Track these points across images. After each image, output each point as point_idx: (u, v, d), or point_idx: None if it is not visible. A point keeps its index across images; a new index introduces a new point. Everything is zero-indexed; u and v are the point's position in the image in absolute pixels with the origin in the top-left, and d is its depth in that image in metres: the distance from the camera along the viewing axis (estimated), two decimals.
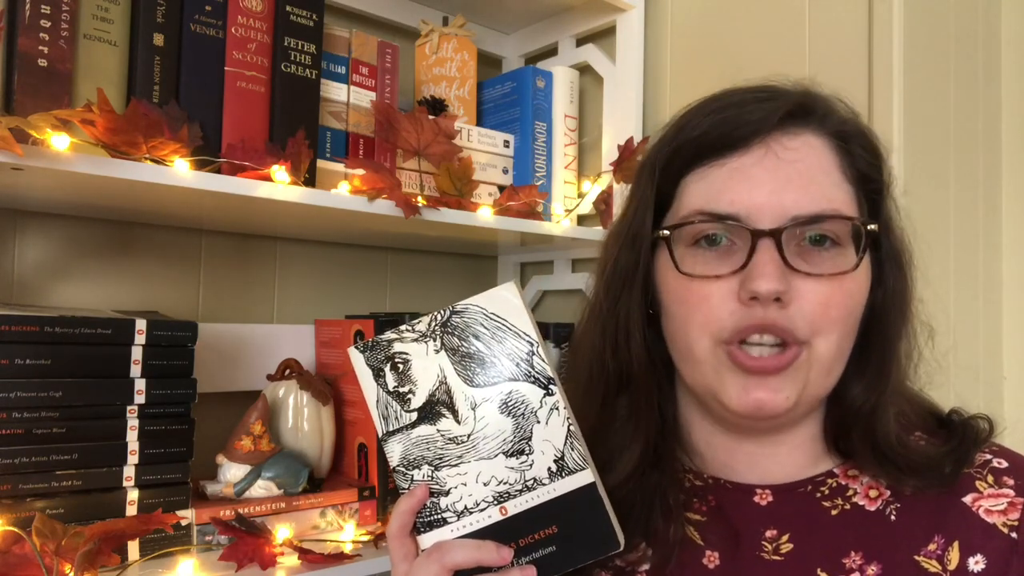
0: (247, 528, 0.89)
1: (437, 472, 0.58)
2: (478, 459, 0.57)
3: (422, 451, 0.58)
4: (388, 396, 0.59)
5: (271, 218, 1.05)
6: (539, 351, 0.57)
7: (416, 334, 0.58)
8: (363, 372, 0.59)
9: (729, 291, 0.57)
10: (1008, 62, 1.26)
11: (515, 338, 0.57)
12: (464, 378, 0.58)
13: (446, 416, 0.58)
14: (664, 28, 1.28)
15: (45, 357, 0.82)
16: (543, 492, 0.57)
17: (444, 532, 0.58)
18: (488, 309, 0.58)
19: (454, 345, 0.58)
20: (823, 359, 0.58)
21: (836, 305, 0.57)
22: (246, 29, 0.92)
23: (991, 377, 1.21)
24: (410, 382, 0.58)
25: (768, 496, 0.63)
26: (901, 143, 1.01)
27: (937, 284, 1.09)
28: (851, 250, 0.58)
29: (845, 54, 1.05)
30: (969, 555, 0.57)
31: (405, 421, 0.58)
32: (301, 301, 1.25)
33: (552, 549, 0.57)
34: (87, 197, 0.91)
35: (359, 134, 1.05)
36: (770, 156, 0.58)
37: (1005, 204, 1.26)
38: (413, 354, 0.58)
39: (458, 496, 0.58)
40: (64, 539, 0.74)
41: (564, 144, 1.28)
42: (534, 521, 0.57)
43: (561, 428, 0.57)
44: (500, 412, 0.57)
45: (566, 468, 0.57)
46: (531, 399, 0.57)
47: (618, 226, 0.67)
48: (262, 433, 0.99)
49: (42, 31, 0.79)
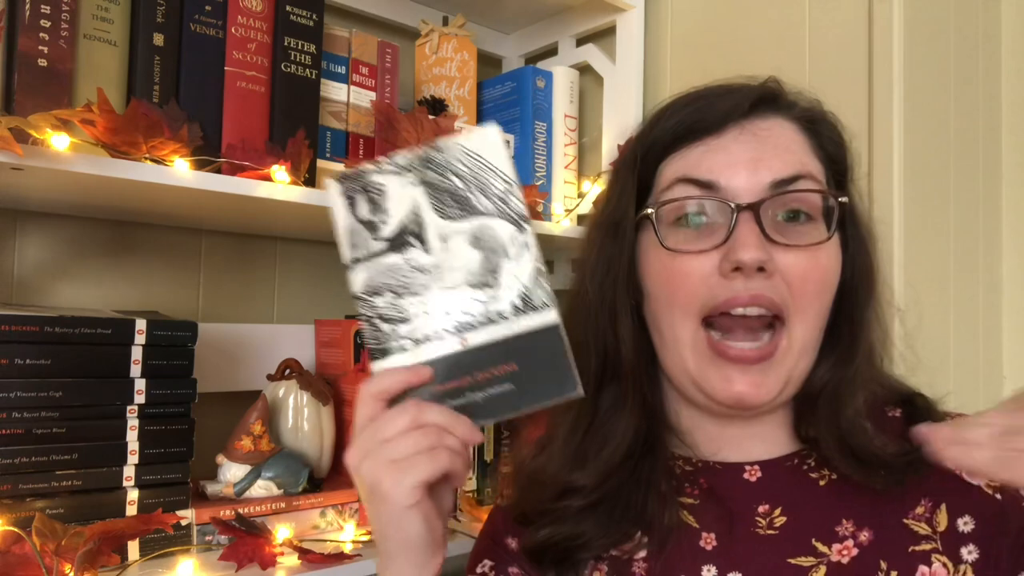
0: (247, 528, 0.89)
1: (399, 300, 0.56)
2: (442, 288, 0.56)
3: (386, 279, 0.57)
4: (359, 223, 0.57)
5: (271, 218, 1.05)
6: (515, 190, 0.56)
7: (395, 167, 0.57)
8: (337, 201, 0.58)
9: (711, 265, 0.59)
10: (1008, 62, 1.26)
11: (493, 176, 0.56)
12: (438, 211, 0.57)
13: (414, 246, 0.57)
14: (664, 28, 1.28)
15: (45, 357, 0.82)
16: (505, 327, 0.55)
17: (400, 358, 0.56)
18: (468, 147, 0.57)
19: (431, 179, 0.57)
20: (800, 342, 0.60)
21: (814, 280, 0.59)
22: (246, 29, 0.92)
23: (991, 377, 1.21)
24: (382, 211, 0.57)
25: (757, 472, 0.64)
26: (901, 143, 1.01)
27: (937, 284, 1.10)
28: (823, 225, 0.61)
29: (845, 53, 1.05)
30: (957, 516, 0.59)
31: (373, 249, 0.57)
32: (301, 301, 1.25)
33: (509, 387, 0.55)
34: (87, 197, 0.91)
35: (359, 134, 1.05)
36: (745, 134, 0.61)
37: (1005, 204, 1.26)
38: (389, 185, 0.57)
39: (418, 324, 0.56)
40: (64, 539, 0.74)
41: (564, 144, 1.28)
42: (493, 356, 0.55)
43: (530, 265, 0.56)
44: (470, 245, 0.56)
45: (531, 305, 0.55)
46: (502, 235, 0.56)
47: (599, 217, 0.68)
48: (262, 433, 0.99)
49: (42, 31, 0.79)
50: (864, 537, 0.59)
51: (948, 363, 1.11)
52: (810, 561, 0.59)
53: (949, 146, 1.14)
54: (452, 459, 0.54)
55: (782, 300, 0.58)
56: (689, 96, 0.65)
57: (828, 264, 0.60)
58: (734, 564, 0.61)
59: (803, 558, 0.59)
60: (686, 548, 0.62)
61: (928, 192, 1.08)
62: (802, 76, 1.07)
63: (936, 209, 1.10)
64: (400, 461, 0.53)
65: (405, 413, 0.54)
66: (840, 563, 0.58)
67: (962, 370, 1.14)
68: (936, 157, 1.10)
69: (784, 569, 0.59)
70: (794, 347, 0.59)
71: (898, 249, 1.00)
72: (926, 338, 1.06)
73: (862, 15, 1.04)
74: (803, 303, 0.59)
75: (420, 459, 0.53)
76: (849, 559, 0.58)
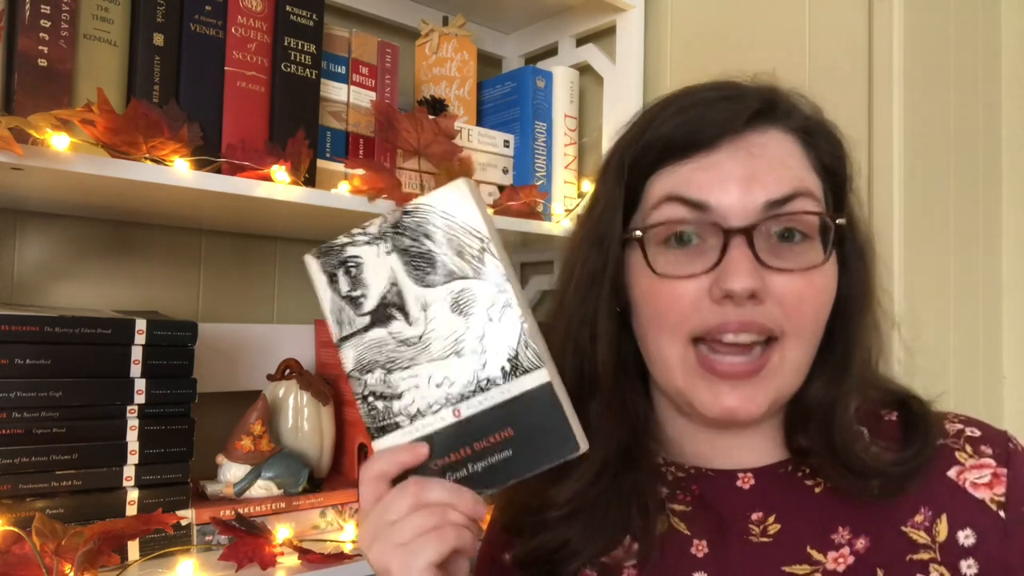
0: (247, 528, 0.89)
1: (390, 375, 0.56)
2: (430, 360, 0.55)
3: (374, 355, 0.56)
4: (342, 301, 0.57)
5: (271, 218, 1.05)
6: (491, 248, 0.55)
7: (368, 236, 0.56)
8: (318, 278, 0.57)
9: (701, 290, 0.57)
10: (1008, 63, 1.26)
11: (466, 236, 0.55)
12: (415, 278, 0.55)
13: (397, 318, 0.56)
14: (664, 28, 1.28)
15: (45, 357, 0.82)
16: (497, 393, 0.54)
17: (397, 436, 0.56)
18: (438, 207, 0.55)
19: (405, 246, 0.56)
20: (793, 361, 0.58)
21: (808, 301, 0.57)
22: (246, 29, 0.92)
23: (991, 377, 1.21)
24: (362, 286, 0.56)
25: (750, 480, 0.63)
26: (901, 143, 1.01)
27: (937, 284, 1.10)
28: (819, 244, 0.59)
29: (845, 53, 1.05)
30: (958, 529, 0.57)
31: (358, 325, 0.56)
32: (301, 301, 1.25)
33: (508, 454, 0.54)
34: (87, 197, 0.91)
35: (359, 134, 1.05)
36: (740, 152, 0.58)
37: (1005, 205, 1.26)
38: (365, 257, 0.56)
39: (411, 399, 0.55)
40: (64, 539, 0.74)
41: (564, 144, 1.28)
42: (489, 424, 0.54)
43: (514, 326, 0.54)
44: (451, 311, 0.55)
45: (520, 367, 0.54)
46: (482, 297, 0.55)
47: (586, 225, 0.66)
48: (262, 433, 0.99)
49: (42, 31, 0.79)
50: (861, 544, 0.58)
51: (948, 364, 1.11)
52: (805, 569, 0.58)
53: (949, 147, 1.14)
54: (459, 535, 0.53)
55: (774, 323, 0.57)
56: (681, 101, 0.61)
57: (824, 285, 0.59)
58: (726, 572, 0.60)
59: (798, 566, 0.58)
60: (677, 555, 0.61)
61: (928, 193, 1.08)
62: (802, 77, 1.07)
63: (936, 210, 1.10)
64: (407, 544, 0.52)
65: (407, 494, 0.53)
66: (836, 571, 0.57)
67: (962, 370, 1.14)
68: (936, 158, 1.10)
69: None
70: (785, 366, 0.58)
71: (898, 250, 1.00)
72: (926, 339, 1.06)
73: (862, 15, 1.04)
74: (798, 325, 0.57)
75: (427, 540, 0.52)
76: (845, 567, 0.57)
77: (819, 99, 0.65)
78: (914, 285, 1.03)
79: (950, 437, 0.61)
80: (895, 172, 1.01)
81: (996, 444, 0.60)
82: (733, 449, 0.64)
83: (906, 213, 1.01)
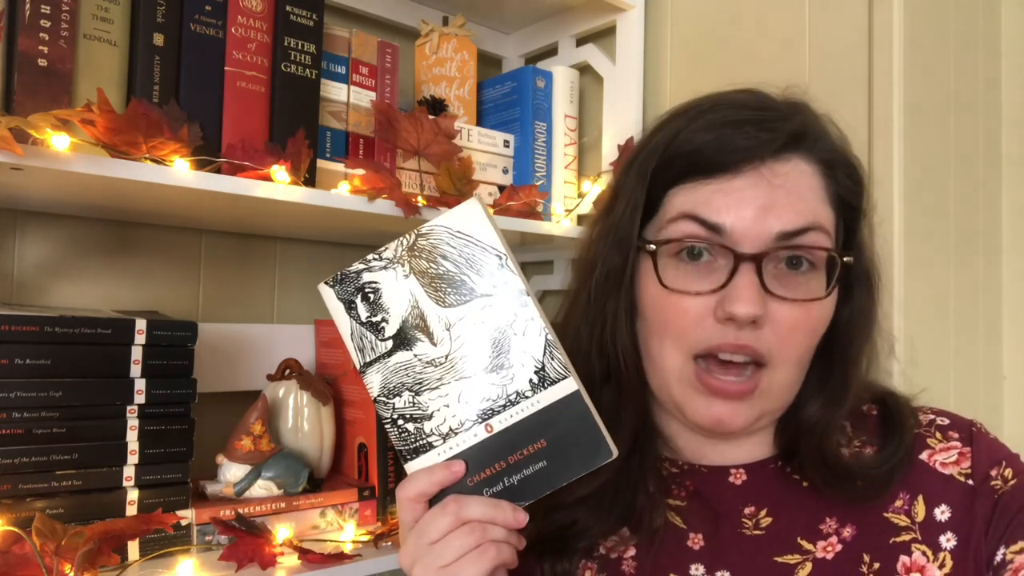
0: (247, 528, 0.89)
1: (418, 397, 0.57)
2: (458, 379, 0.56)
3: (401, 378, 0.57)
4: (362, 327, 0.57)
5: (271, 218, 1.05)
6: (508, 263, 0.56)
7: (384, 261, 0.57)
8: (335, 307, 0.58)
9: (706, 308, 0.59)
10: (1008, 63, 1.26)
11: (483, 253, 0.56)
12: (436, 300, 0.56)
13: (421, 340, 0.57)
14: (664, 28, 1.28)
15: (45, 357, 0.82)
16: (527, 405, 0.56)
17: (431, 456, 0.57)
18: (453, 227, 0.56)
19: (422, 268, 0.56)
20: (781, 385, 0.61)
21: (802, 330, 0.60)
22: (246, 29, 0.92)
23: (991, 377, 1.21)
24: (382, 310, 0.57)
25: (742, 475, 0.66)
26: (901, 144, 1.01)
27: (937, 285, 1.10)
28: (824, 276, 0.61)
29: (845, 55, 1.05)
30: (934, 507, 0.61)
31: (381, 350, 0.57)
32: (301, 301, 1.25)
33: (543, 464, 0.56)
34: (87, 197, 0.91)
35: (359, 134, 1.05)
36: (762, 181, 0.59)
37: (1005, 205, 1.26)
38: (383, 282, 0.57)
39: (442, 419, 0.56)
40: (64, 539, 0.74)
41: (564, 144, 1.28)
42: (521, 436, 0.56)
43: (538, 338, 0.56)
44: (475, 329, 0.56)
45: (548, 378, 0.55)
46: (505, 312, 0.56)
47: (605, 223, 0.67)
48: (262, 433, 0.99)
49: (42, 31, 0.79)
50: (847, 533, 0.61)
51: (948, 364, 1.11)
52: (796, 559, 0.61)
53: (949, 147, 1.14)
54: (499, 551, 0.54)
55: (766, 349, 0.59)
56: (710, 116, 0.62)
57: (820, 315, 0.61)
58: (722, 563, 0.62)
59: (789, 556, 0.61)
60: (674, 548, 0.64)
61: (928, 193, 1.08)
62: (802, 76, 1.07)
63: (936, 211, 1.10)
64: (449, 567, 0.53)
65: (446, 513, 0.54)
66: (825, 559, 0.61)
67: (962, 370, 1.14)
68: (936, 158, 1.10)
69: (771, 568, 0.61)
70: (773, 388, 0.61)
71: (898, 250, 1.00)
72: (926, 339, 1.06)
73: (862, 16, 1.04)
74: (788, 351, 0.60)
75: (469, 560, 0.53)
76: (834, 555, 0.61)
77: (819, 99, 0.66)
78: (914, 285, 1.03)
79: (923, 427, 0.65)
80: (895, 172, 1.01)
81: (962, 429, 0.65)
82: (725, 449, 0.67)
83: (906, 213, 1.02)
